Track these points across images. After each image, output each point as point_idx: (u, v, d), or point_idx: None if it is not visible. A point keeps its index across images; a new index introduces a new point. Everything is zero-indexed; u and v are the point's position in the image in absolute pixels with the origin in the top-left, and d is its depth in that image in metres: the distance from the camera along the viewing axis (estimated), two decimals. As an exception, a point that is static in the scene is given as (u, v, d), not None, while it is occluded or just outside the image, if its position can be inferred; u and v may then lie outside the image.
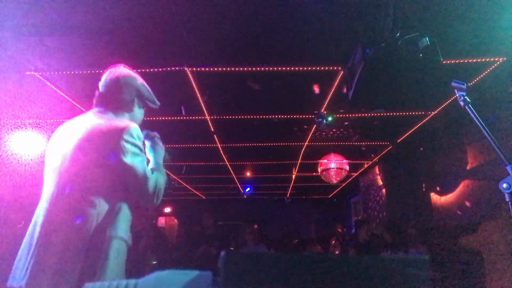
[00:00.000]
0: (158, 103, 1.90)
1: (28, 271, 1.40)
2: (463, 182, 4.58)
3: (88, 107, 1.78)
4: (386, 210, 6.45)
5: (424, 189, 5.75)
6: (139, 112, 1.83)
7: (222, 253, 0.73)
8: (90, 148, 1.52)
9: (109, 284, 0.85)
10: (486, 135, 1.56)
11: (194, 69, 3.27)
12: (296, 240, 7.27)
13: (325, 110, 4.17)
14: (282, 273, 0.72)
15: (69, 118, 1.74)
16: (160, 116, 4.35)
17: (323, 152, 6.02)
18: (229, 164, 6.91)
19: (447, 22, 2.62)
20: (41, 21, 2.61)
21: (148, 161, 1.71)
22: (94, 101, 1.75)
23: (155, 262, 5.05)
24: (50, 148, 1.69)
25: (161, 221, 11.01)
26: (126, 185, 1.56)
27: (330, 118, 4.14)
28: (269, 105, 4.23)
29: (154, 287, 0.80)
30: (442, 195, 5.14)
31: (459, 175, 4.64)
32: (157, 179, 1.62)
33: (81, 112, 1.80)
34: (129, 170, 1.52)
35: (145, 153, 1.68)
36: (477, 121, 1.59)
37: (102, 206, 1.48)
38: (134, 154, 1.54)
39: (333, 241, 6.24)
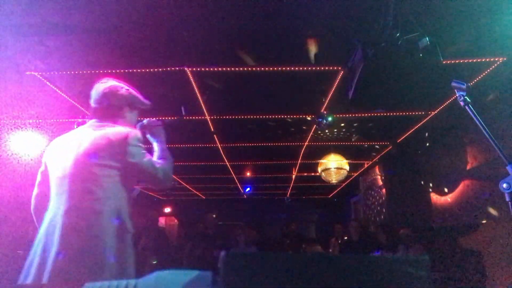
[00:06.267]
0: (147, 103, 2.05)
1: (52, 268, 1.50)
2: (463, 182, 4.58)
3: (88, 107, 1.81)
4: (386, 210, 6.44)
5: (424, 189, 5.75)
6: (131, 116, 2.00)
7: (222, 253, 0.73)
8: (103, 155, 1.71)
9: (109, 284, 0.85)
10: (486, 135, 1.56)
11: (194, 69, 3.27)
12: (298, 244, 7.10)
13: (325, 110, 4.18)
14: (282, 273, 0.72)
15: (69, 118, 1.77)
16: (160, 116, 4.34)
17: (323, 152, 6.02)
18: (229, 164, 6.91)
19: (447, 22, 2.62)
20: (41, 21, 2.60)
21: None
22: (90, 115, 1.92)
23: (155, 262, 5.05)
24: (53, 156, 1.81)
25: (161, 221, 10.99)
26: (139, 180, 1.84)
27: (330, 118, 4.14)
28: (269, 105, 4.23)
29: (154, 287, 0.80)
30: (442, 195, 5.14)
31: (459, 175, 4.64)
32: (163, 167, 1.85)
33: (81, 111, 1.82)
34: (140, 168, 1.76)
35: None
36: (477, 121, 1.59)
37: (115, 201, 1.70)
38: (140, 154, 1.77)
39: (333, 241, 6.24)
